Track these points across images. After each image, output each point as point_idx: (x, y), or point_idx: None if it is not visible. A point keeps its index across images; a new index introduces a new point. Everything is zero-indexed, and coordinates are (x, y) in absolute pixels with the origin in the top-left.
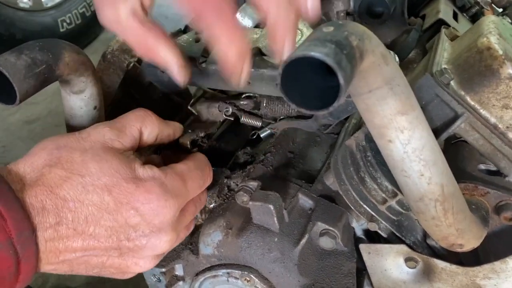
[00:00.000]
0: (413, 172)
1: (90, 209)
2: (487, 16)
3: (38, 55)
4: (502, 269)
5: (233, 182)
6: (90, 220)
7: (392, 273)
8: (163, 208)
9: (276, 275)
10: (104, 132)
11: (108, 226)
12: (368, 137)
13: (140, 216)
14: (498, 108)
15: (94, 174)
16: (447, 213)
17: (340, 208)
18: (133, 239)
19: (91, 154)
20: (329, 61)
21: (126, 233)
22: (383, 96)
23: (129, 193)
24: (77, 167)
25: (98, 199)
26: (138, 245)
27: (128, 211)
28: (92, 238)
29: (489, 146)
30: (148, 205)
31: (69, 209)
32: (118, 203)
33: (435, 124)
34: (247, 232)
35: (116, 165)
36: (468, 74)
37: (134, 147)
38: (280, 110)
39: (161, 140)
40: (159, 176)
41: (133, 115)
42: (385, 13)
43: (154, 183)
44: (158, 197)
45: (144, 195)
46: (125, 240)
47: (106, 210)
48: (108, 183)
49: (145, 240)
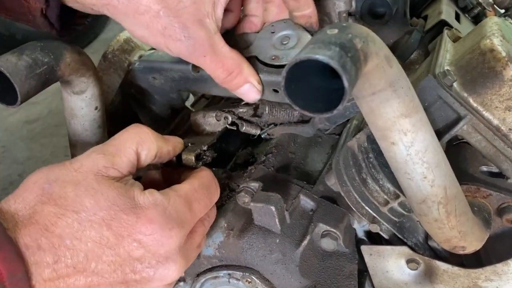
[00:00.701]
0: (416, 174)
1: (90, 246)
2: (490, 18)
3: (39, 56)
4: (504, 271)
5: (234, 183)
6: (91, 257)
7: (394, 275)
8: (168, 238)
9: (278, 277)
10: (97, 161)
11: (111, 261)
12: (370, 139)
13: (144, 248)
14: (501, 110)
15: (89, 209)
16: (450, 215)
17: (341, 210)
18: (139, 271)
19: (85, 187)
20: (334, 64)
21: (132, 266)
22: (387, 98)
23: (129, 225)
24: (71, 202)
25: (97, 235)
26: (145, 277)
27: (131, 244)
28: (95, 274)
29: (491, 148)
30: (151, 236)
31: (66, 247)
32: (119, 237)
33: (438, 126)
34: (248, 233)
35: (112, 196)
36: (471, 76)
37: (132, 171)
38: (283, 116)
39: (160, 159)
40: (161, 202)
41: (127, 135)
42: (387, 14)
43: (156, 211)
44: (162, 227)
45: (146, 226)
46: (131, 273)
47: (106, 245)
48: (106, 217)
49: (152, 271)
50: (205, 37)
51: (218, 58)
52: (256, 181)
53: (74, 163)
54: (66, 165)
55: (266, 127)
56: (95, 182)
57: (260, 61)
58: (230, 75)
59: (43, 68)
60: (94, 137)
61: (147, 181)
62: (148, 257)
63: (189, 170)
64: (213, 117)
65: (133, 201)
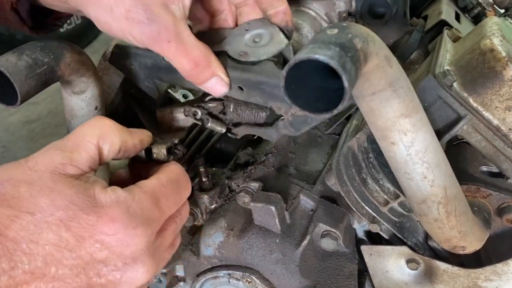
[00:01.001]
0: (416, 174)
1: (48, 249)
2: (490, 18)
3: (40, 56)
4: (504, 271)
5: (234, 183)
6: (50, 261)
7: (394, 275)
8: (133, 238)
9: (278, 277)
10: (54, 157)
11: (73, 264)
12: (370, 138)
13: (108, 249)
14: (501, 110)
15: (45, 210)
16: (450, 215)
17: (341, 210)
18: (104, 274)
19: (39, 186)
20: (334, 64)
21: (96, 269)
22: (387, 98)
23: (90, 226)
24: (25, 203)
25: (55, 237)
26: (111, 280)
27: (93, 246)
28: (56, 280)
29: (491, 148)
30: (114, 236)
31: (23, 252)
32: (80, 238)
33: (438, 126)
34: (248, 233)
35: (70, 195)
36: (471, 76)
37: (94, 167)
38: (248, 116)
39: (125, 153)
40: (124, 199)
41: (87, 128)
42: (387, 14)
43: (118, 209)
44: (125, 225)
45: (109, 225)
46: (96, 277)
47: (66, 247)
48: (64, 217)
49: (119, 274)
50: (171, 21)
51: (184, 46)
52: (256, 181)
53: (29, 161)
54: (21, 163)
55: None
56: (50, 181)
57: (229, 57)
58: (197, 68)
59: (43, 68)
60: None
61: (113, 179)
62: (113, 259)
63: (159, 165)
64: (181, 112)
65: (93, 200)
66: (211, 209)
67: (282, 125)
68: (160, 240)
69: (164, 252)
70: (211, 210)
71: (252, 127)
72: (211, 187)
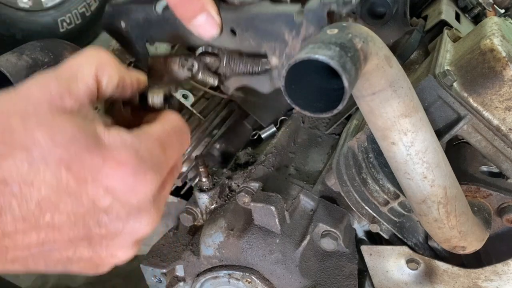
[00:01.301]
0: (416, 174)
1: (44, 192)
2: (490, 18)
3: (39, 56)
4: (504, 271)
5: (234, 183)
6: (45, 206)
7: (394, 275)
8: (142, 185)
9: (278, 277)
10: (48, 86)
11: (71, 211)
12: (370, 139)
13: (112, 196)
14: (501, 110)
15: (43, 146)
16: (450, 215)
17: (341, 210)
18: (105, 224)
19: (35, 119)
20: (334, 64)
21: (96, 218)
22: (387, 98)
23: (94, 168)
24: (19, 138)
25: (53, 178)
26: (112, 231)
27: (96, 191)
28: (50, 228)
29: (491, 148)
30: (121, 182)
31: (12, 195)
32: (82, 182)
33: (438, 126)
34: (248, 233)
35: (71, 131)
36: (471, 76)
37: (92, 101)
38: (241, 70)
39: (122, 92)
40: (131, 142)
41: (83, 58)
42: (387, 14)
43: (126, 152)
44: (134, 171)
45: (116, 169)
46: (96, 227)
47: (65, 191)
48: (65, 156)
49: (121, 224)
50: None
51: None
52: (256, 181)
53: (20, 90)
54: (10, 92)
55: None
56: (48, 113)
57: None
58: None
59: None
60: None
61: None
62: (116, 207)
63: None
64: (176, 63)
65: (97, 139)
66: (211, 209)
67: (275, 75)
68: (162, 192)
69: (163, 204)
70: (211, 210)
71: (243, 77)
72: (211, 187)
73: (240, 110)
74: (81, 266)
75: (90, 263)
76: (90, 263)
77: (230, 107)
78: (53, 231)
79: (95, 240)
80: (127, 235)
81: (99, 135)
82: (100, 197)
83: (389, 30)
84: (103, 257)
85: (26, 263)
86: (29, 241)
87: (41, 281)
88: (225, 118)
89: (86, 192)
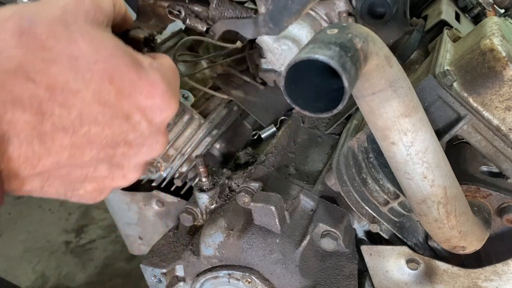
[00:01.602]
0: (416, 174)
1: (86, 103)
2: (490, 18)
3: None
4: (504, 271)
5: (234, 183)
6: (85, 117)
7: (394, 275)
8: (167, 107)
9: (278, 277)
10: (82, 1)
11: (107, 124)
12: (370, 138)
13: (142, 113)
14: (501, 110)
15: (89, 57)
16: (450, 215)
17: (341, 210)
18: (130, 142)
19: (78, 29)
20: (334, 64)
21: (125, 134)
22: (387, 98)
23: (132, 83)
24: (65, 46)
25: (97, 89)
26: (134, 149)
27: (130, 106)
28: (85, 140)
29: (491, 148)
30: (152, 100)
31: (56, 102)
32: (120, 95)
33: (438, 126)
34: (248, 233)
35: (112, 45)
36: (471, 76)
37: (110, 25)
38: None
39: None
40: (157, 65)
41: None
42: (387, 13)
43: (158, 73)
44: (163, 93)
45: (149, 88)
46: (122, 143)
47: (106, 103)
48: (108, 68)
49: (142, 143)
50: None
51: None
52: (256, 181)
53: (50, 1)
54: (43, 1)
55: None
56: (88, 26)
57: None
58: None
59: None
60: None
61: None
62: (143, 125)
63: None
64: (165, 8)
65: (132, 57)
66: (211, 209)
67: (261, 21)
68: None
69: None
70: (211, 210)
71: (230, 21)
72: (211, 187)
73: (240, 110)
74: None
75: (98, 187)
76: (98, 186)
77: (230, 107)
78: (87, 144)
79: (116, 159)
80: (143, 155)
81: (133, 54)
82: (132, 112)
83: (389, 30)
84: (114, 178)
85: (45, 181)
86: (61, 154)
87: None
88: (225, 118)
89: (122, 106)
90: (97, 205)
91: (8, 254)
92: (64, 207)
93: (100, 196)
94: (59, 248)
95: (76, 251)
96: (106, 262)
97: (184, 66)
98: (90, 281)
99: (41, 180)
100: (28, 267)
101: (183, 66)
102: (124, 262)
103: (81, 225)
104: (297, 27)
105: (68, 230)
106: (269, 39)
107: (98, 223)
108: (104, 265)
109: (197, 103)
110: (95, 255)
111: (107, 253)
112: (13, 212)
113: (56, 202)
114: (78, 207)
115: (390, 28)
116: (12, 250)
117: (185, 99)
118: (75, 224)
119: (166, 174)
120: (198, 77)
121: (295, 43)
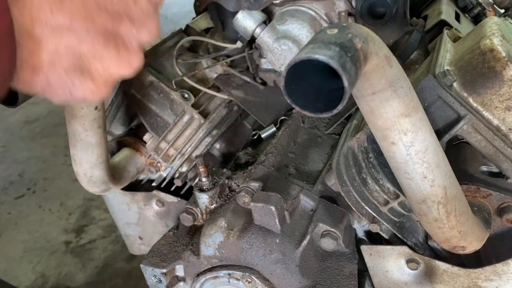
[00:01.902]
0: (416, 174)
1: None
2: (490, 18)
3: None
4: (504, 271)
5: (234, 183)
6: None
7: (394, 275)
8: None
9: (278, 276)
10: None
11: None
12: (370, 138)
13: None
14: (501, 110)
15: None
16: (450, 215)
17: (341, 209)
18: (132, 17)
19: None
20: (334, 64)
21: (128, 7)
22: (387, 98)
23: None
24: None
25: None
26: (135, 25)
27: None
28: (94, 5)
29: (491, 148)
30: None
31: None
32: None
33: (438, 126)
34: (248, 233)
35: None
36: (471, 76)
37: None
38: None
39: None
40: None
41: None
42: (387, 14)
43: None
44: None
45: None
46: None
47: None
48: None
49: (142, 20)
50: None
51: None
52: (256, 181)
53: None
54: None
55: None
56: None
57: None
58: None
59: None
60: (94, 137)
61: None
62: (143, 1)
63: None
64: None
65: None
66: (211, 209)
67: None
68: None
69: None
70: (211, 210)
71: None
72: (211, 187)
73: (240, 110)
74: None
75: (104, 72)
76: (105, 71)
77: (230, 107)
78: (96, 8)
79: (121, 34)
80: (144, 34)
81: None
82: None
83: (389, 30)
84: (120, 62)
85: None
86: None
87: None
88: (225, 118)
89: None
90: (97, 205)
91: (8, 254)
92: (64, 207)
93: (105, 87)
94: (59, 248)
95: (76, 251)
96: (106, 262)
97: (184, 66)
98: (90, 281)
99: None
100: (28, 267)
101: (183, 66)
102: (124, 262)
103: (81, 225)
104: (297, 27)
105: (68, 230)
106: (269, 39)
107: (98, 223)
108: (104, 265)
109: (197, 103)
110: (95, 255)
111: (107, 253)
112: (13, 212)
113: (56, 202)
114: (78, 207)
115: (390, 28)
116: (12, 250)
117: (185, 99)
118: (75, 224)
119: (166, 174)
120: (198, 77)
121: (295, 43)
